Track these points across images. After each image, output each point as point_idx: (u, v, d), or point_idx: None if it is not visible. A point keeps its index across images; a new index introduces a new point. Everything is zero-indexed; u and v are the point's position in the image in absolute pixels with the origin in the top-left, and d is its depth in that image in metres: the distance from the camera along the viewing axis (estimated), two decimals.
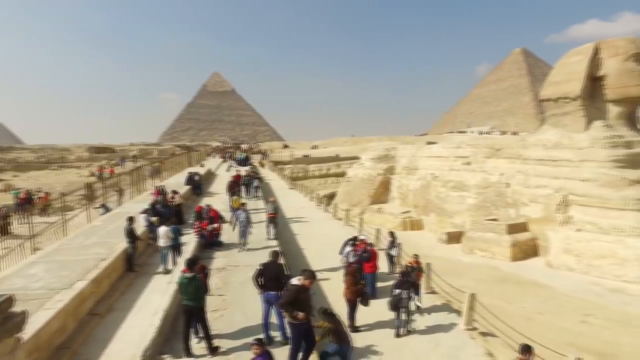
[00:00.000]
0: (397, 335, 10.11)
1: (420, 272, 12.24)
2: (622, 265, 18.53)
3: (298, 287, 7.77)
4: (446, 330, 10.93)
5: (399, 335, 10.11)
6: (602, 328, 13.95)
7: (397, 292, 10.02)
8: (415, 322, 10.46)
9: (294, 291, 7.75)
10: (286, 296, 7.82)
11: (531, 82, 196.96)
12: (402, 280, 10.24)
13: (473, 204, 27.10)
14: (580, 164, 22.52)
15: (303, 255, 17.02)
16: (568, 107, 24.43)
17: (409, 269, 12.00)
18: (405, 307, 10.03)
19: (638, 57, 22.86)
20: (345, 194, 37.56)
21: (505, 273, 20.20)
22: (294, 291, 7.75)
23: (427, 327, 11.09)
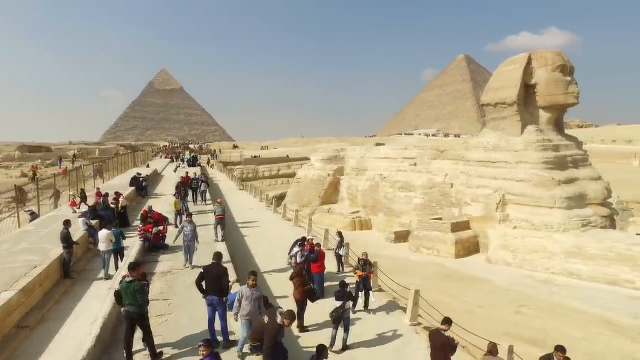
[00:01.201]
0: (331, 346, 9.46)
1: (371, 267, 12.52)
2: (551, 259, 19.98)
3: (277, 327, 7.30)
4: (392, 326, 11.26)
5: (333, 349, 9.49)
6: (533, 317, 14.94)
7: (338, 304, 9.62)
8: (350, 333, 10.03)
9: (273, 334, 7.26)
10: (267, 341, 7.27)
11: (473, 87, 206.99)
12: (342, 291, 9.87)
13: (419, 203, 28.07)
14: (516, 165, 24.01)
15: (252, 256, 16.87)
16: (505, 112, 25.94)
17: (361, 262, 12.28)
18: (347, 318, 9.74)
19: (563, 68, 24.74)
20: (295, 194, 37.60)
21: (449, 270, 21.07)
22: (273, 334, 7.26)
23: (375, 323, 11.39)
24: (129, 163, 44.58)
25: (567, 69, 24.89)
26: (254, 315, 8.32)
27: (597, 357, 11.79)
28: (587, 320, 14.50)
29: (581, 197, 22.62)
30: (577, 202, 22.27)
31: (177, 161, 55.66)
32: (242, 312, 8.36)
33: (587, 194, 22.95)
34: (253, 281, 8.51)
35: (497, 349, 8.06)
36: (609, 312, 15.09)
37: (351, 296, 9.86)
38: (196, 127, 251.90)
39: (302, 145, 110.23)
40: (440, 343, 7.95)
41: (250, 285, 8.48)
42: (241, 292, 8.47)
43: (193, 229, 13.58)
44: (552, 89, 24.80)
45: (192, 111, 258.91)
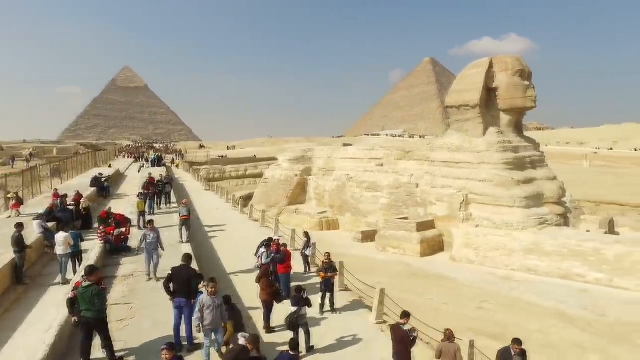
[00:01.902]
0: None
1: (335, 269, 12.57)
2: (510, 256, 20.77)
3: (240, 348, 7.12)
4: (358, 324, 11.38)
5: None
6: (494, 312, 15.47)
7: (293, 309, 9.50)
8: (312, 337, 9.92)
9: (235, 354, 7.06)
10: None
11: (438, 89, 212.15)
12: (297, 297, 9.72)
13: (386, 203, 28.48)
14: (478, 166, 24.77)
15: (218, 258, 16.63)
16: (468, 114, 26.71)
17: (325, 265, 12.31)
18: (305, 324, 9.63)
19: (522, 73, 25.75)
20: (263, 195, 37.35)
21: (415, 268, 21.49)
22: (235, 354, 7.06)
23: (341, 323, 11.47)
24: (89, 163, 42.99)
25: (525, 74, 25.89)
26: (217, 324, 8.13)
27: (551, 348, 12.35)
28: (542, 314, 15.14)
29: (538, 197, 23.58)
30: (535, 202, 23.21)
31: (140, 161, 54.19)
32: (205, 322, 8.01)
33: (544, 193, 23.95)
34: (212, 288, 8.19)
35: (453, 334, 8.49)
36: (562, 305, 15.83)
37: (307, 302, 9.78)
38: (161, 127, 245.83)
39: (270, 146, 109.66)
40: (399, 336, 8.22)
41: (210, 292, 8.16)
42: (202, 301, 8.09)
43: (156, 238, 12.48)
44: (512, 93, 25.72)
45: (157, 110, 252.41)
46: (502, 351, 8.11)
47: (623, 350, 12.31)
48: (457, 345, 8.47)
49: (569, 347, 12.49)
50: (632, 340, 12.99)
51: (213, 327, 8.08)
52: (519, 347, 7.91)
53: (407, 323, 8.51)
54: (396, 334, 8.36)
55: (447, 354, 8.25)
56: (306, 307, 9.70)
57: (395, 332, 8.44)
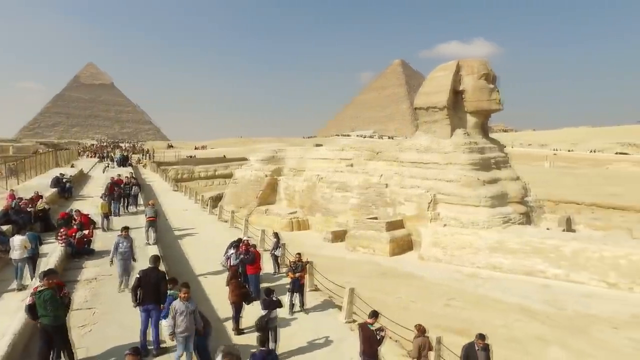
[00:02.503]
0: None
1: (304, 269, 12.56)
2: (477, 254, 21.33)
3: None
4: (328, 324, 11.44)
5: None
6: (461, 309, 15.84)
7: (263, 312, 9.42)
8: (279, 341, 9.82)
9: None
10: None
11: (408, 91, 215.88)
12: (268, 300, 9.68)
13: (356, 203, 28.68)
14: (445, 166, 25.31)
15: (186, 259, 16.33)
16: (436, 115, 27.25)
17: (293, 265, 12.29)
18: (274, 327, 9.57)
19: (488, 77, 26.49)
20: (233, 195, 36.90)
21: (384, 267, 21.74)
22: None
23: (311, 323, 11.48)
24: (50, 163, 41.23)
25: (491, 78, 26.63)
26: (191, 330, 7.84)
27: (515, 342, 12.76)
28: (507, 309, 15.63)
29: (503, 196, 24.33)
30: (500, 201, 23.93)
31: (106, 161, 52.53)
32: (178, 329, 7.67)
33: (508, 193, 24.72)
34: (185, 294, 7.87)
35: (424, 329, 8.77)
36: (525, 300, 16.39)
37: (278, 304, 9.73)
38: (128, 126, 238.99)
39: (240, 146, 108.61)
40: (367, 336, 8.34)
41: (183, 298, 7.85)
42: (174, 307, 7.77)
43: (130, 246, 11.68)
44: (478, 96, 26.41)
45: (123, 108, 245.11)
46: (466, 346, 8.33)
47: (581, 341, 12.88)
48: (428, 338, 8.68)
49: (531, 340, 12.95)
50: (588, 331, 13.61)
51: (187, 334, 7.78)
52: (483, 342, 8.17)
53: (376, 322, 8.62)
54: (364, 333, 8.49)
55: (425, 348, 8.48)
56: (276, 310, 9.65)
57: (362, 331, 8.56)
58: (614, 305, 15.71)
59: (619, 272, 17.55)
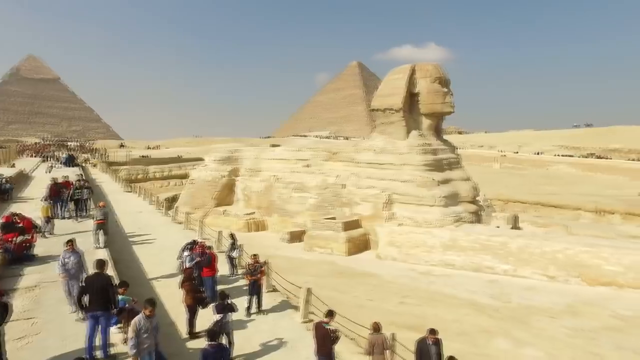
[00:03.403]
0: None
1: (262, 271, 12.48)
2: (430, 252, 22.05)
3: None
4: (285, 324, 11.44)
5: None
6: (415, 306, 16.30)
7: (217, 317, 9.29)
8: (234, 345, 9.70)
9: None
10: None
11: (365, 93, 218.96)
12: (223, 304, 9.57)
13: (313, 204, 28.81)
14: (401, 167, 25.97)
15: (139, 262, 15.77)
16: (392, 117, 27.90)
17: (250, 268, 12.17)
18: (229, 332, 9.43)
19: (441, 80, 27.47)
20: (188, 196, 36.00)
21: (341, 267, 21.97)
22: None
23: (268, 324, 11.43)
24: None
25: (444, 81, 27.60)
26: (153, 345, 7.64)
27: (465, 335, 13.31)
28: (458, 304, 16.26)
29: (455, 196, 25.28)
30: (452, 200, 24.84)
31: (50, 161, 49.70)
32: (142, 345, 7.46)
33: (459, 193, 25.72)
34: (151, 312, 7.62)
35: (380, 326, 8.94)
36: (475, 295, 17.13)
37: (232, 308, 9.63)
38: (76, 123, 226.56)
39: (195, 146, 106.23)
40: (321, 335, 8.44)
41: (147, 315, 7.60)
42: (139, 323, 7.50)
43: (79, 262, 10.31)
44: (432, 98, 27.29)
45: (70, 105, 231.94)
46: (419, 342, 8.60)
47: (522, 331, 13.67)
48: (384, 335, 8.87)
49: (479, 333, 13.55)
50: (529, 321, 14.45)
51: (149, 349, 7.60)
52: (434, 337, 8.47)
53: (331, 321, 8.72)
54: (318, 332, 8.59)
55: (377, 345, 8.63)
56: (231, 315, 9.51)
57: (317, 330, 8.65)
58: (552, 296, 16.76)
59: (557, 266, 18.74)
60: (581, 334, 13.46)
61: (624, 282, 17.27)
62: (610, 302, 16.17)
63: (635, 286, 17.00)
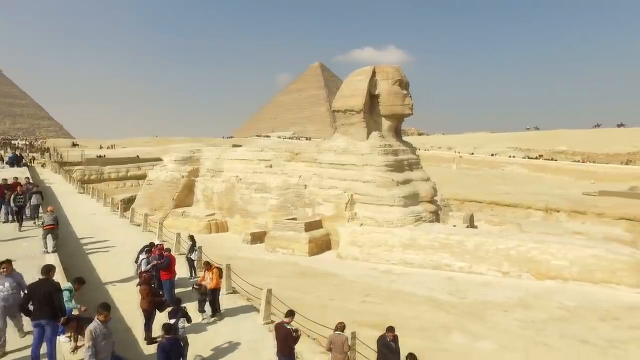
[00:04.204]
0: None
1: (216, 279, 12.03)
2: (391, 251, 22.50)
3: None
4: (246, 327, 11.34)
5: None
6: (376, 304, 16.59)
7: (171, 322, 9.08)
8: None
9: None
10: None
11: (327, 94, 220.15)
12: (177, 309, 9.44)
13: (275, 204, 28.69)
14: (362, 167, 26.33)
15: (92, 267, 15.14)
16: (353, 118, 28.24)
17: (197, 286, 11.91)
18: (183, 338, 9.22)
19: (401, 83, 28.09)
20: (146, 197, 34.92)
21: (304, 267, 22.01)
22: None
23: (228, 327, 11.29)
24: None
25: (404, 84, 28.23)
26: (109, 353, 7.31)
27: (424, 331, 13.70)
28: (417, 302, 16.69)
29: (415, 196, 25.91)
30: (412, 200, 25.45)
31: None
32: (100, 354, 7.11)
33: (419, 193, 26.38)
34: (105, 317, 7.30)
35: (343, 326, 9.03)
36: (433, 293, 17.65)
37: (186, 314, 9.47)
38: (22, 121, 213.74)
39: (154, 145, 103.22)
40: (282, 335, 8.48)
41: (102, 321, 7.26)
42: (95, 331, 7.12)
43: (17, 286, 8.62)
44: (392, 100, 27.84)
45: (15, 101, 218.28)
46: (379, 338, 8.79)
47: (478, 325, 14.23)
48: (346, 335, 8.97)
49: (438, 328, 13.98)
50: (484, 316, 15.07)
51: (106, 357, 7.27)
52: (392, 334, 8.69)
53: (292, 321, 8.76)
54: (279, 333, 8.61)
55: (336, 344, 8.72)
56: (184, 320, 9.32)
57: (278, 330, 8.67)
58: (505, 291, 17.54)
59: (510, 262, 19.62)
60: (531, 325, 14.17)
61: (569, 275, 18.34)
62: (556, 294, 17.14)
63: (579, 279, 18.11)
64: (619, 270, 17.77)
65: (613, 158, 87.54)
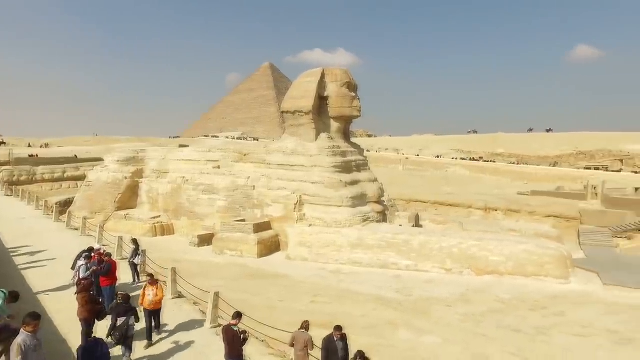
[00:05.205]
0: None
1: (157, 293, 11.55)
2: (339, 251, 22.83)
3: None
4: (193, 331, 11.07)
5: None
6: (325, 304, 16.76)
7: (122, 321, 8.90)
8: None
9: None
10: None
11: (276, 94, 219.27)
12: (127, 306, 9.17)
13: (223, 206, 28.17)
14: (311, 168, 26.48)
15: (22, 276, 14.11)
16: (302, 120, 28.34)
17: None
18: (132, 336, 9.03)
19: (349, 85, 28.56)
20: (86, 200, 32.98)
21: (253, 269, 21.79)
22: None
23: (175, 333, 10.96)
24: None
25: (352, 86, 28.70)
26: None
27: (372, 328, 14.02)
28: (365, 300, 17.05)
29: (362, 197, 26.44)
30: (360, 201, 25.95)
31: None
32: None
33: (367, 193, 26.96)
34: (35, 328, 6.84)
35: (308, 325, 9.25)
36: (381, 291, 18.11)
37: (135, 312, 9.14)
38: None
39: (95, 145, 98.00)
40: (230, 337, 8.41)
41: (30, 331, 6.79)
42: (24, 344, 6.60)
43: None
44: (340, 102, 28.23)
45: None
46: (325, 339, 8.90)
47: (423, 321, 14.79)
48: (309, 335, 9.03)
49: (385, 325, 14.36)
50: (429, 311, 15.70)
51: None
52: (340, 333, 8.83)
53: (239, 323, 8.70)
54: (227, 335, 8.54)
55: (299, 341, 8.77)
56: (133, 317, 8.99)
57: (226, 333, 8.60)
58: (448, 287, 18.36)
59: (452, 260, 20.56)
60: (471, 318, 14.94)
61: (505, 270, 19.54)
62: (494, 288, 18.20)
63: (514, 273, 19.35)
64: (546, 263, 19.20)
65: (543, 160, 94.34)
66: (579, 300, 16.69)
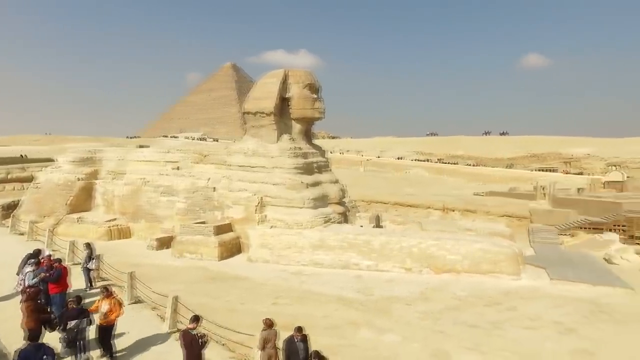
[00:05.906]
0: None
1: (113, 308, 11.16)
2: (301, 253, 22.85)
3: None
4: (152, 337, 10.78)
5: None
6: (287, 305, 16.74)
7: (73, 323, 8.67)
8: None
9: None
10: None
11: (238, 95, 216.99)
12: (79, 309, 8.95)
13: (182, 208, 27.52)
14: (272, 170, 26.35)
15: None
16: (264, 121, 28.16)
17: None
18: (84, 338, 8.81)
19: (312, 87, 28.63)
20: (34, 202, 31.25)
21: (213, 272, 21.42)
22: None
23: (133, 340, 10.62)
24: None
25: (314, 88, 28.76)
26: None
27: (333, 328, 14.14)
28: (327, 301, 17.16)
29: (324, 198, 26.61)
30: (321, 202, 26.10)
31: None
32: None
33: (328, 195, 27.15)
34: None
35: (271, 322, 9.46)
36: (342, 291, 18.29)
37: (87, 313, 8.84)
38: None
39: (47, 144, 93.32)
40: (188, 341, 8.31)
41: None
42: None
43: None
44: (302, 104, 28.24)
45: None
46: (286, 340, 8.92)
47: (384, 320, 15.09)
48: (275, 330, 9.03)
49: (347, 325, 14.53)
50: (390, 310, 16.03)
51: None
52: (300, 334, 8.88)
53: (197, 327, 8.59)
54: (185, 339, 8.42)
55: (269, 340, 8.75)
56: (86, 319, 8.66)
57: (184, 337, 8.47)
58: (408, 286, 18.81)
59: (412, 259, 21.08)
60: (430, 315, 15.39)
61: (462, 268, 20.24)
62: (451, 286, 18.82)
63: (470, 271, 20.09)
64: (500, 261, 20.07)
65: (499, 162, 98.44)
66: (529, 295, 17.56)
